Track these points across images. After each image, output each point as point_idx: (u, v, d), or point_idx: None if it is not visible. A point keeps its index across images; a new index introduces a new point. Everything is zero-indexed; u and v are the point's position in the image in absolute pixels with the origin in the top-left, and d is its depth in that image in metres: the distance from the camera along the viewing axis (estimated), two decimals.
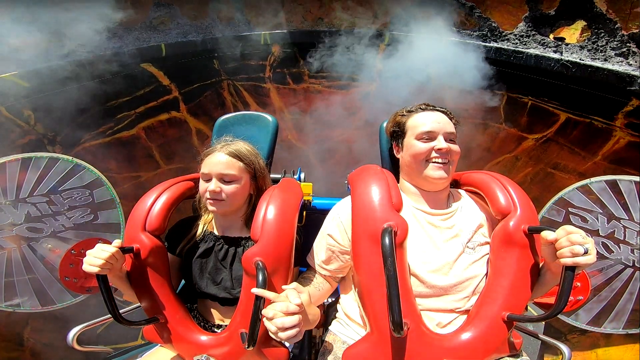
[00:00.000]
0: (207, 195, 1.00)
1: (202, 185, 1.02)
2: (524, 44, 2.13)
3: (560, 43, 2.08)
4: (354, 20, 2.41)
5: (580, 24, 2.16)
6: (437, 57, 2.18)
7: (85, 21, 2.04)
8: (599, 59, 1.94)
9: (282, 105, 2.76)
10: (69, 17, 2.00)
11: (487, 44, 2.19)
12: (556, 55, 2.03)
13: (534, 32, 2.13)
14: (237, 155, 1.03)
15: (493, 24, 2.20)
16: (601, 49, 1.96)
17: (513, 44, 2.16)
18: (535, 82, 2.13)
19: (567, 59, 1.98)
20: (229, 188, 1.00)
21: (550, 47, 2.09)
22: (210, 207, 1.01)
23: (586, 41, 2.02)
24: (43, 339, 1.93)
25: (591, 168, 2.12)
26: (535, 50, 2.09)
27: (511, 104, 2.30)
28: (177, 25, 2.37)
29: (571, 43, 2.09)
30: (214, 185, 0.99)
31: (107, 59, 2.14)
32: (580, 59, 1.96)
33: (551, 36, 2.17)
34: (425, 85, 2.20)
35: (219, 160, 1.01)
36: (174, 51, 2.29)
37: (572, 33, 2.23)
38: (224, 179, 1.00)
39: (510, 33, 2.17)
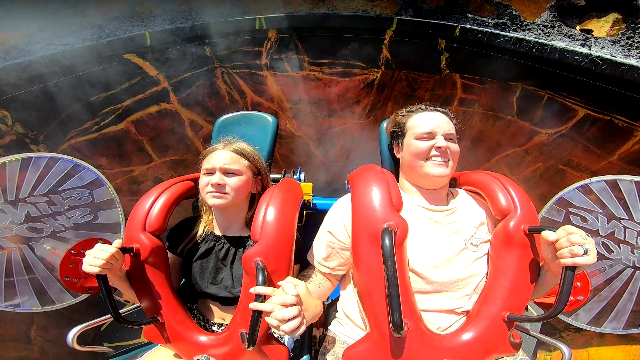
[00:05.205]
0: (209, 188, 1.06)
1: (204, 180, 1.09)
2: (548, 35, 2.06)
3: (589, 36, 1.99)
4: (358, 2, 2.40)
5: (612, 16, 2.06)
6: None
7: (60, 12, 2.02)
8: (633, 56, 1.88)
9: (281, 93, 2.78)
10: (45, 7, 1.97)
11: (506, 34, 2.10)
12: (584, 50, 1.95)
13: (559, 23, 2.06)
14: (241, 153, 1.12)
15: (514, 12, 2.13)
16: (637, 45, 1.89)
17: (535, 34, 2.08)
18: (555, 76, 2.09)
19: (597, 54, 1.90)
20: (232, 181, 1.08)
21: (577, 40, 1.99)
22: (212, 201, 1.06)
23: (619, 35, 1.95)
24: (49, 337, 2.01)
25: (605, 167, 2.11)
26: (560, 42, 2.01)
27: (526, 96, 2.28)
28: (162, 11, 2.36)
29: (601, 37, 2.00)
30: (217, 178, 1.06)
31: (86, 51, 2.11)
32: (611, 55, 1.89)
33: (578, 28, 2.10)
34: None
35: (223, 156, 1.09)
36: (160, 39, 2.27)
37: (602, 26, 2.12)
38: (227, 172, 1.08)
39: (533, 23, 2.11)
